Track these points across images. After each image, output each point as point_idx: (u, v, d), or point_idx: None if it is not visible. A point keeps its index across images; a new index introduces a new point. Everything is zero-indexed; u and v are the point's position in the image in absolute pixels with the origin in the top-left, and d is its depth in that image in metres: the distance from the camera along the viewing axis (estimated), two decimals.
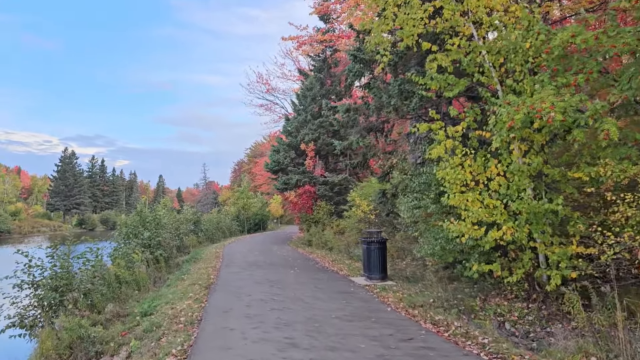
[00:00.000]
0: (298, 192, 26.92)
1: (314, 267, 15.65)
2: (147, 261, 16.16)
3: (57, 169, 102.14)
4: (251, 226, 49.04)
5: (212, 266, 16.26)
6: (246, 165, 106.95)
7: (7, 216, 71.04)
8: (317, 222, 26.60)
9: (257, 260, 18.08)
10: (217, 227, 38.08)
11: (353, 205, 19.94)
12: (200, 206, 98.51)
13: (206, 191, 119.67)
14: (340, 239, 22.31)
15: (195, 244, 30.59)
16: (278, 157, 28.39)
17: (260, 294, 10.15)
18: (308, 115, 28.24)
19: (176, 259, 23.33)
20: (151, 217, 19.57)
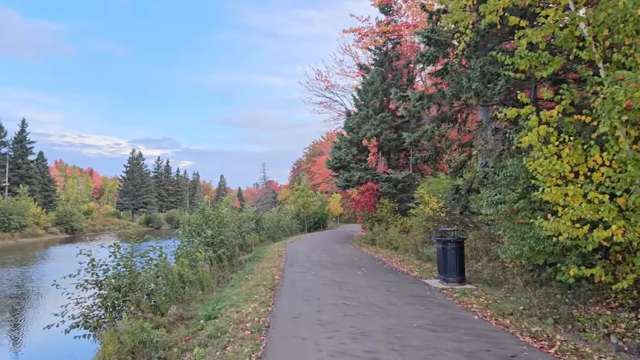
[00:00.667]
0: (360, 189, 26.10)
1: (382, 268, 14.79)
2: (210, 260, 15.89)
3: (126, 170, 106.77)
4: (311, 224, 48.71)
5: (276, 265, 15.76)
6: (305, 165, 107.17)
7: (80, 215, 74.61)
8: (381, 220, 25.67)
9: (321, 259, 17.44)
10: (278, 226, 37.96)
11: (420, 202, 18.91)
12: (260, 205, 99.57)
13: (266, 190, 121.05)
14: (406, 238, 21.30)
15: (257, 242, 30.48)
16: (339, 153, 27.69)
17: (330, 298, 9.43)
18: (370, 111, 27.34)
19: (239, 258, 23.15)
20: (214, 215, 19.38)
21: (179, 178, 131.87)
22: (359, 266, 15.11)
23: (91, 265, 10.32)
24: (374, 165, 26.55)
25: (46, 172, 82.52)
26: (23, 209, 58.19)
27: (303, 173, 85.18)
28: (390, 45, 29.54)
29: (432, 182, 18.70)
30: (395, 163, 29.40)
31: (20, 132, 73.81)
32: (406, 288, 10.76)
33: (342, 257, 18.30)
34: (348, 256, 18.89)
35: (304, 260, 17.12)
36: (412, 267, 14.47)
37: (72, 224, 68.31)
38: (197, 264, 13.88)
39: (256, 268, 16.02)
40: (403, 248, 19.77)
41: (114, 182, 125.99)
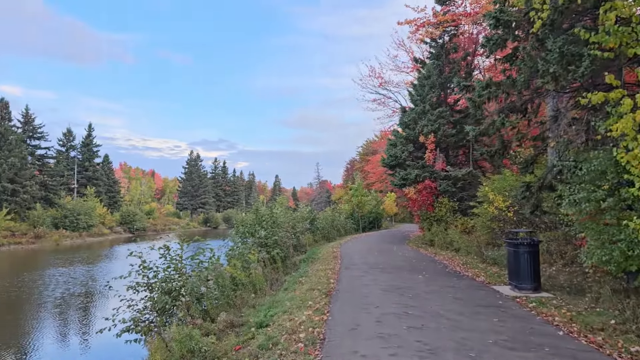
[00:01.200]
0: (417, 188, 25.02)
1: (444, 272, 13.81)
2: (263, 261, 15.44)
3: (184, 171, 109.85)
4: (365, 224, 47.82)
5: (331, 268, 15.10)
6: (358, 164, 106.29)
7: (142, 215, 77.30)
8: (439, 220, 24.51)
9: (378, 261, 16.63)
10: (332, 226, 37.37)
11: (484, 201, 17.72)
12: (314, 205, 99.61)
13: (320, 190, 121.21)
14: (468, 239, 20.12)
15: (312, 242, 30.00)
16: (395, 151, 26.70)
17: (391, 306, 8.63)
18: (426, 105, 26.20)
19: (293, 259, 22.69)
20: (267, 215, 18.97)
21: (235, 178, 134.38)
22: (419, 269, 14.19)
23: (142, 267, 10.06)
24: (432, 163, 25.40)
25: (111, 174, 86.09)
26: (90, 209, 60.81)
27: (357, 172, 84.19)
28: (447, 37, 28.25)
29: (496, 180, 17.43)
30: (453, 160, 28.09)
31: (87, 136, 77.32)
32: (474, 295, 9.80)
33: (400, 259, 17.42)
34: (406, 258, 17.97)
35: (360, 262, 16.38)
36: (477, 272, 13.41)
37: (135, 224, 70.76)
38: (250, 265, 13.41)
39: (310, 270, 15.43)
40: (465, 250, 18.63)
41: (174, 183, 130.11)
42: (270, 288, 13.57)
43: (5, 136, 54.93)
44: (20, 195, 54.60)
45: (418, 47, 38.82)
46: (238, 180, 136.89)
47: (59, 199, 59.66)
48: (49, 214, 56.50)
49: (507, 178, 17.01)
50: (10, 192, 53.80)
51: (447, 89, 28.05)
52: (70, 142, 73.95)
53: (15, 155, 54.54)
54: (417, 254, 20.05)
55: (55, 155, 69.29)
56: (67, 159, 72.09)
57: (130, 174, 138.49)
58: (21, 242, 48.13)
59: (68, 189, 68.79)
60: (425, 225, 25.32)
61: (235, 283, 12.15)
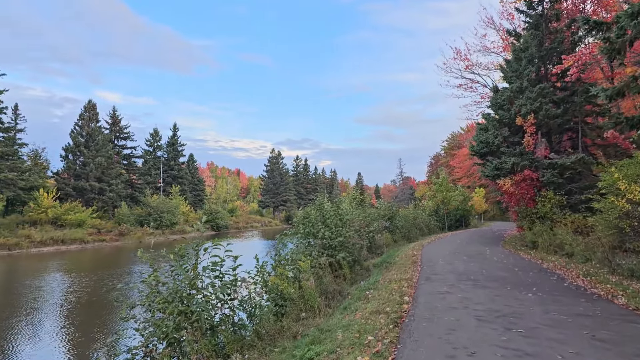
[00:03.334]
0: (515, 179, 20.94)
1: (563, 288, 10.14)
2: (321, 268, 12.59)
3: (266, 169, 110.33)
4: (451, 222, 43.64)
5: (407, 278, 11.94)
6: (443, 159, 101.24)
7: (225, 213, 77.87)
8: (543, 217, 20.34)
9: (469, 270, 13.17)
10: (414, 224, 33.88)
11: (607, 193, 13.68)
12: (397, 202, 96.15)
13: (403, 187, 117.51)
14: (584, 241, 16.01)
15: (390, 242, 26.85)
16: (486, 136, 22.72)
17: (494, 350, 5.41)
18: (524, 82, 22.02)
19: (366, 262, 19.74)
20: (333, 211, 16.11)
21: (316, 176, 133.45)
22: (527, 283, 10.63)
23: (154, 277, 7.64)
24: (532, 149, 21.23)
25: (196, 173, 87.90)
26: (174, 207, 61.59)
27: (441, 167, 79.40)
28: (548, 3, 23.82)
29: (628, 165, 13.28)
30: (557, 146, 23.64)
31: (172, 136, 79.07)
32: (624, 332, 6.26)
33: (498, 267, 13.81)
34: (505, 265, 14.32)
35: (445, 271, 13.02)
36: (610, 288, 9.65)
37: (217, 222, 71.05)
38: (301, 275, 10.62)
39: (382, 280, 12.38)
40: (582, 256, 14.62)
41: (258, 181, 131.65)
42: (329, 304, 10.69)
43: (93, 137, 56.72)
44: (106, 193, 56.16)
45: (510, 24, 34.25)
46: (320, 177, 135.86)
47: (144, 197, 60.83)
48: (134, 212, 57.69)
49: None
50: (98, 190, 55.46)
51: (548, 63, 23.61)
52: (157, 142, 75.72)
53: (102, 155, 56.20)
54: (518, 259, 16.23)
55: (142, 154, 71.18)
56: (154, 159, 73.87)
57: (217, 173, 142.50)
58: (105, 239, 49.12)
59: (155, 187, 70.39)
60: (525, 223, 21.18)
61: (284, 298, 9.45)
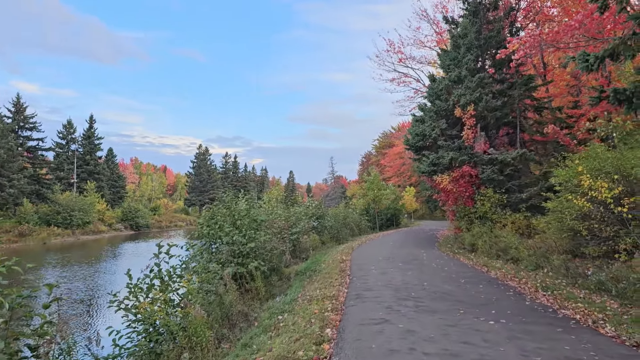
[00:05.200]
0: (453, 175, 19.09)
1: (526, 309, 7.95)
2: (224, 283, 9.80)
3: (192, 165, 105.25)
4: (382, 222, 42.00)
5: (332, 295, 9.41)
6: (374, 158, 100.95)
7: (146, 211, 72.56)
8: (482, 217, 18.64)
9: (408, 282, 10.83)
10: (344, 224, 31.66)
11: (565, 190, 11.87)
12: (329, 201, 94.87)
13: (334, 185, 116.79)
14: (532, 245, 14.27)
15: (318, 244, 24.38)
16: (423, 128, 20.74)
17: None
18: (463, 70, 20.28)
19: (288, 269, 17.17)
20: (245, 211, 13.32)
21: (246, 174, 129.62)
22: (481, 302, 8.39)
23: None
24: (471, 143, 19.50)
25: (116, 169, 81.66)
26: (87, 205, 56.08)
27: (372, 166, 78.62)
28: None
29: (589, 157, 11.46)
30: (495, 142, 22.19)
31: (89, 128, 72.55)
32: None
33: (440, 277, 11.58)
34: (447, 274, 12.15)
35: (380, 285, 10.60)
36: (584, 309, 7.60)
37: (137, 221, 65.98)
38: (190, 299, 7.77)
39: (300, 298, 9.78)
40: (532, 262, 12.76)
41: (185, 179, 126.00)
42: (227, 336, 7.91)
43: None
44: (6, 189, 49.72)
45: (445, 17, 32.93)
46: (250, 175, 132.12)
47: (52, 194, 54.68)
48: (40, 210, 51.69)
49: (603, 155, 11.12)
50: None
51: (486, 53, 22.09)
52: (71, 135, 69.03)
53: (1, 146, 49.68)
54: (459, 265, 14.19)
55: (53, 147, 64.67)
56: (67, 153, 67.36)
57: (142, 170, 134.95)
58: (0, 240, 43.16)
59: (68, 183, 64.07)
60: (463, 224, 19.39)
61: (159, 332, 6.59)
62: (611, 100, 6.76)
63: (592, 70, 7.05)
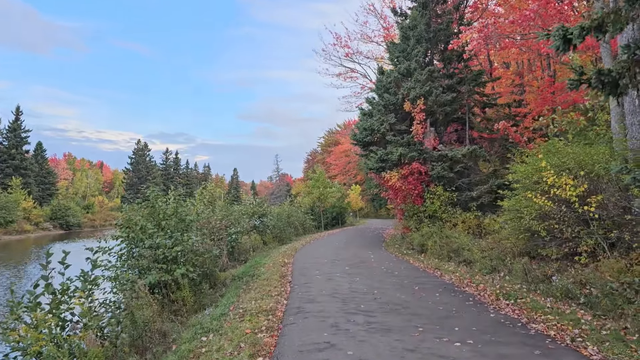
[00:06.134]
0: (402, 172, 18.14)
1: (492, 322, 6.90)
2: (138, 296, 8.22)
3: (130, 161, 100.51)
4: (328, 221, 40.93)
5: (270, 309, 8.04)
6: (320, 156, 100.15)
7: (78, 209, 68.12)
8: (432, 216, 17.81)
9: (356, 290, 9.60)
10: (288, 222, 30.25)
11: (523, 187, 11.02)
12: (274, 199, 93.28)
13: (279, 183, 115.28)
14: (485, 246, 13.47)
15: (259, 245, 22.87)
16: (371, 122, 19.67)
17: None
18: (412, 63, 19.39)
19: (225, 273, 15.64)
20: (172, 210, 11.67)
21: (188, 171, 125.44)
22: (440, 315, 7.27)
23: None
24: (421, 139, 18.64)
25: (45, 164, 76.26)
26: (11, 203, 51.73)
27: (318, 164, 77.64)
28: None
29: (548, 153, 10.62)
30: (444, 138, 21.53)
31: (15, 120, 67.21)
32: None
33: (392, 284, 10.44)
34: (399, 279, 11.05)
35: (325, 294, 9.31)
36: (556, 322, 6.64)
37: (68, 219, 61.77)
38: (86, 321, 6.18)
39: (232, 312, 8.33)
40: (486, 265, 11.88)
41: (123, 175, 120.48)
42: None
43: None
44: None
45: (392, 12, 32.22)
46: (192, 172, 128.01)
47: None
48: None
49: (563, 150, 10.34)
50: None
51: (435, 47, 21.36)
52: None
53: None
54: (410, 269, 13.16)
55: None
56: None
57: (75, 166, 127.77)
58: None
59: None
60: (412, 224, 18.48)
61: None
62: (593, 83, 5.78)
63: (566, 50, 6.04)
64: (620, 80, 5.65)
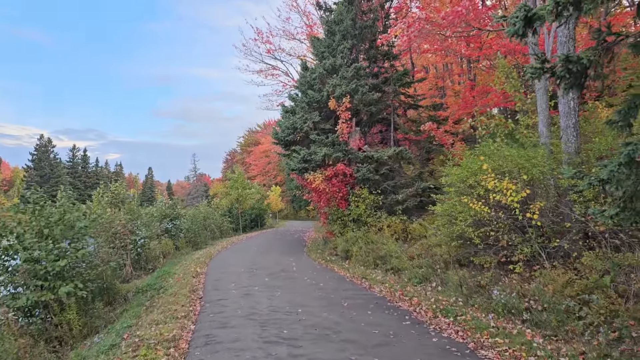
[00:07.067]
0: (326, 174, 17.12)
1: (438, 350, 5.95)
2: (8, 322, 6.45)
3: (32, 158, 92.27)
4: (246, 223, 39.31)
5: (171, 338, 6.58)
6: (239, 155, 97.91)
7: None
8: (356, 221, 16.96)
9: (278, 309, 8.33)
10: (204, 225, 28.41)
11: (458, 191, 10.33)
12: (190, 199, 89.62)
13: (197, 184, 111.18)
14: (410, 251, 12.76)
15: (171, 250, 20.99)
16: (294, 120, 18.46)
17: None
18: (338, 59, 18.47)
19: (128, 285, 13.84)
20: (58, 215, 9.76)
21: (98, 170, 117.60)
22: (378, 342, 6.20)
23: None
24: (346, 139, 17.75)
25: None
26: None
27: (237, 165, 75.49)
28: None
29: (485, 155, 9.95)
30: (368, 139, 20.87)
31: None
32: None
33: (317, 299, 9.28)
34: (325, 292, 9.93)
35: (241, 316, 7.95)
36: (508, 348, 5.83)
37: None
38: None
39: (127, 341, 6.78)
40: (416, 273, 11.10)
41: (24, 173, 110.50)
42: None
43: None
44: None
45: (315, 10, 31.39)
46: (102, 171, 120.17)
47: None
48: None
49: (500, 153, 9.74)
50: None
51: (361, 45, 20.65)
52: None
53: None
54: (337, 279, 12.11)
55: None
56: None
57: None
58: None
59: None
60: (336, 228, 17.51)
61: None
62: (559, 71, 4.98)
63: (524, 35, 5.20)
64: (589, 69, 4.89)
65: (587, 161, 9.17)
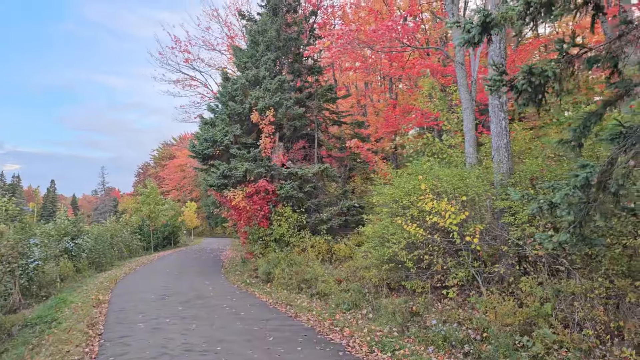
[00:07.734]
0: (247, 191, 16.08)
1: None
2: None
3: None
4: (158, 241, 36.97)
5: None
6: (152, 169, 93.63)
7: None
8: (279, 240, 16.06)
9: (193, 347, 7.15)
10: (111, 244, 26.08)
11: (388, 212, 9.80)
12: (98, 215, 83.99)
13: (105, 198, 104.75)
14: (336, 274, 12.07)
15: (71, 273, 18.80)
16: (213, 132, 17.25)
17: None
18: (262, 70, 17.65)
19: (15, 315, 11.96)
20: None
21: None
22: None
23: None
24: (269, 154, 16.86)
25: None
26: None
27: (150, 179, 71.81)
28: None
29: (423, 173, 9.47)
30: (291, 155, 20.13)
31: None
32: None
33: (241, 334, 8.22)
34: (248, 325, 8.90)
35: (149, 355, 6.74)
36: None
37: None
38: None
39: None
40: (344, 300, 10.38)
41: None
42: None
43: None
44: None
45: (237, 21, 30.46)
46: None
47: None
48: None
49: (434, 172, 9.35)
50: None
51: (285, 58, 19.99)
52: None
53: None
54: (259, 306, 11.08)
55: None
56: None
57: None
58: None
59: None
60: (257, 248, 16.47)
61: None
62: (520, 84, 4.50)
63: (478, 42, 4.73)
64: (550, 83, 4.45)
65: (520, 182, 9.02)
